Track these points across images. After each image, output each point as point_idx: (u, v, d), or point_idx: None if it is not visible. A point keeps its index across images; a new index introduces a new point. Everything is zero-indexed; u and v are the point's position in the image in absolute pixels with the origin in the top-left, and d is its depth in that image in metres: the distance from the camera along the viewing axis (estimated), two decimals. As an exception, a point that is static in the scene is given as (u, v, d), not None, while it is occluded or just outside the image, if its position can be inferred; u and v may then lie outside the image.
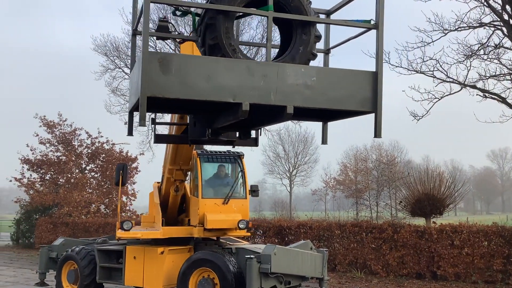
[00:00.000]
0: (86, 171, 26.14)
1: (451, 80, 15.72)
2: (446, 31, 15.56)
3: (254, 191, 10.66)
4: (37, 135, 25.50)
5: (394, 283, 13.58)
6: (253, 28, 29.71)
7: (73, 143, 25.83)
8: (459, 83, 15.69)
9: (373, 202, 34.00)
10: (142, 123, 4.76)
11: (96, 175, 26.18)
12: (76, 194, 23.49)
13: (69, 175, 25.29)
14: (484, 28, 15.42)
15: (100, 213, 24.57)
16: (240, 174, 10.68)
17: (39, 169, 25.49)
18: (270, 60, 5.34)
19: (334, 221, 17.23)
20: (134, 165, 25.84)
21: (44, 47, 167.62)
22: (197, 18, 5.93)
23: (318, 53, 5.96)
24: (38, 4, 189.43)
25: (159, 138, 7.36)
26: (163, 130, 15.96)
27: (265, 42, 5.64)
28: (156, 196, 11.35)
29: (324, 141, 6.54)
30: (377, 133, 5.44)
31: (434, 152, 74.74)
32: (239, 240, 11.43)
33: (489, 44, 15.48)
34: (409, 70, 16.09)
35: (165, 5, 17.30)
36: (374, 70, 5.48)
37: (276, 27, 6.08)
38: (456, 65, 15.65)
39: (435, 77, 15.86)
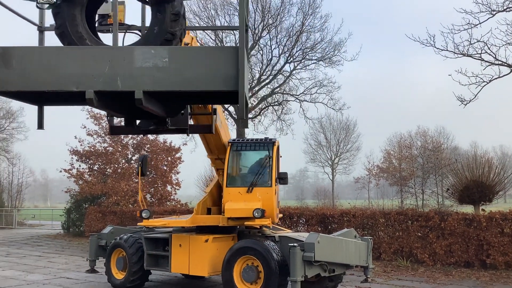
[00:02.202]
0: (132, 161, 26.76)
1: (499, 63, 15.11)
2: (494, 12, 14.93)
3: (282, 178, 10.48)
4: (85, 127, 26.31)
5: (442, 272, 13.31)
6: (293, 15, 29.42)
7: (119, 134, 26.49)
8: (508, 65, 15.07)
9: (419, 189, 33.33)
10: None
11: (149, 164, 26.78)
12: (123, 183, 24.12)
13: (116, 166, 25.99)
14: (535, 7, 14.69)
15: (146, 201, 25.14)
16: (267, 162, 10.54)
17: (87, 160, 26.30)
18: (117, 45, 5.10)
19: (378, 209, 16.99)
20: (177, 155, 26.27)
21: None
22: None
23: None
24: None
25: (114, 130, 7.26)
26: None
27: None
28: (209, 186, 11.59)
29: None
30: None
31: (483, 138, 72.33)
32: (282, 229, 11.46)
33: (540, 25, 14.75)
34: (455, 53, 15.57)
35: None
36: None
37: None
38: (505, 47, 15.02)
39: (483, 60, 15.28)
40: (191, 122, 7.64)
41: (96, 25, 5.72)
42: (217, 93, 5.09)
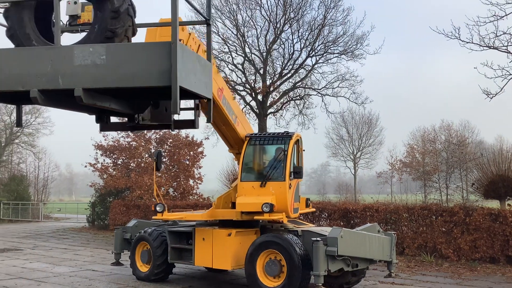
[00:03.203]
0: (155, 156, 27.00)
1: (527, 55, 14.76)
2: (522, 3, 14.58)
3: (297, 172, 10.36)
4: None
5: (466, 267, 13.15)
6: (315, 8, 29.22)
7: (142, 129, 26.75)
8: (536, 58, 14.71)
9: (443, 184, 32.90)
10: None
11: (164, 160, 27.01)
12: (146, 178, 24.39)
13: (139, 160, 26.29)
14: None
15: (169, 196, 25.40)
16: (281, 156, 10.48)
17: (111, 155, 26.66)
18: (59, 44, 5.18)
19: (402, 204, 16.86)
20: (199, 149, 26.44)
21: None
22: None
23: None
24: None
25: (104, 127, 7.38)
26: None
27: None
28: (235, 181, 11.66)
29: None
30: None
31: (508, 131, 70.94)
32: (304, 223, 11.47)
33: None
34: (481, 45, 15.25)
35: None
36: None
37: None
38: (533, 39, 14.66)
39: (509, 52, 14.95)
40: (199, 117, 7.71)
41: (66, 26, 5.84)
42: (152, 90, 5.17)
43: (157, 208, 10.94)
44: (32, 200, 39.07)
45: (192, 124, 6.86)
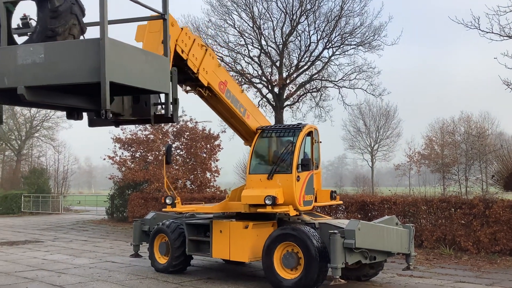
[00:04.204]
0: (172, 149, 27.14)
1: (549, 44, 14.47)
2: (544, -9, 14.26)
3: (304, 165, 10.19)
4: (127, 115, 26.82)
5: (486, 260, 13.00)
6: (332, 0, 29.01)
7: (159, 122, 26.86)
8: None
9: (462, 176, 32.51)
10: None
11: (181, 153, 27.16)
12: (164, 170, 24.56)
13: (157, 153, 26.47)
14: None
15: (186, 188, 25.55)
16: (289, 148, 10.39)
17: (129, 148, 26.87)
18: (5, 45, 5.43)
19: (420, 196, 16.70)
20: (216, 142, 26.51)
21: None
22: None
23: None
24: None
25: (91, 123, 7.50)
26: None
27: None
28: None
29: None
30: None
31: (530, 123, 69.62)
32: (322, 215, 11.45)
33: None
34: (501, 35, 14.98)
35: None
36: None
37: None
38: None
39: (531, 42, 14.66)
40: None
41: (18, 27, 6.06)
42: (81, 85, 5.27)
43: (167, 201, 11.10)
44: (52, 192, 39.67)
45: (171, 118, 6.98)
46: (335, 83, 27.82)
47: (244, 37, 26.95)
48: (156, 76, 5.89)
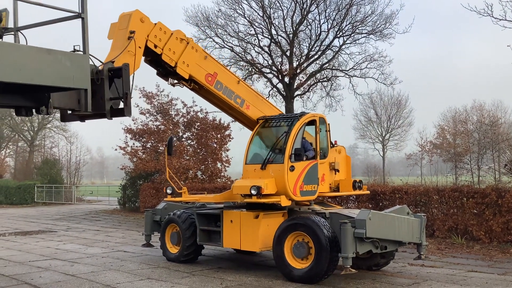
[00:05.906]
0: (183, 139, 27.27)
1: None
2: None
3: (297, 155, 9.99)
4: (137, 105, 26.97)
5: (498, 249, 12.92)
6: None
7: (170, 112, 27.00)
8: None
9: (474, 165, 32.26)
10: None
11: (192, 143, 27.25)
12: (175, 161, 24.67)
13: (168, 143, 26.53)
14: None
15: (197, 178, 25.65)
16: (283, 137, 10.26)
17: (140, 138, 27.03)
18: None
19: (432, 186, 16.59)
20: (226, 132, 26.53)
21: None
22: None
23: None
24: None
25: (63, 118, 7.61)
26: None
27: None
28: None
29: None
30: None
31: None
32: (332, 205, 11.42)
33: None
34: (515, 22, 14.78)
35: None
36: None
37: None
38: None
39: (546, 29, 14.44)
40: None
41: None
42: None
43: (167, 191, 11.60)
44: (64, 183, 40.07)
45: (122, 112, 7.03)
46: (346, 72, 27.64)
47: (254, 27, 26.85)
48: (68, 74, 5.97)
